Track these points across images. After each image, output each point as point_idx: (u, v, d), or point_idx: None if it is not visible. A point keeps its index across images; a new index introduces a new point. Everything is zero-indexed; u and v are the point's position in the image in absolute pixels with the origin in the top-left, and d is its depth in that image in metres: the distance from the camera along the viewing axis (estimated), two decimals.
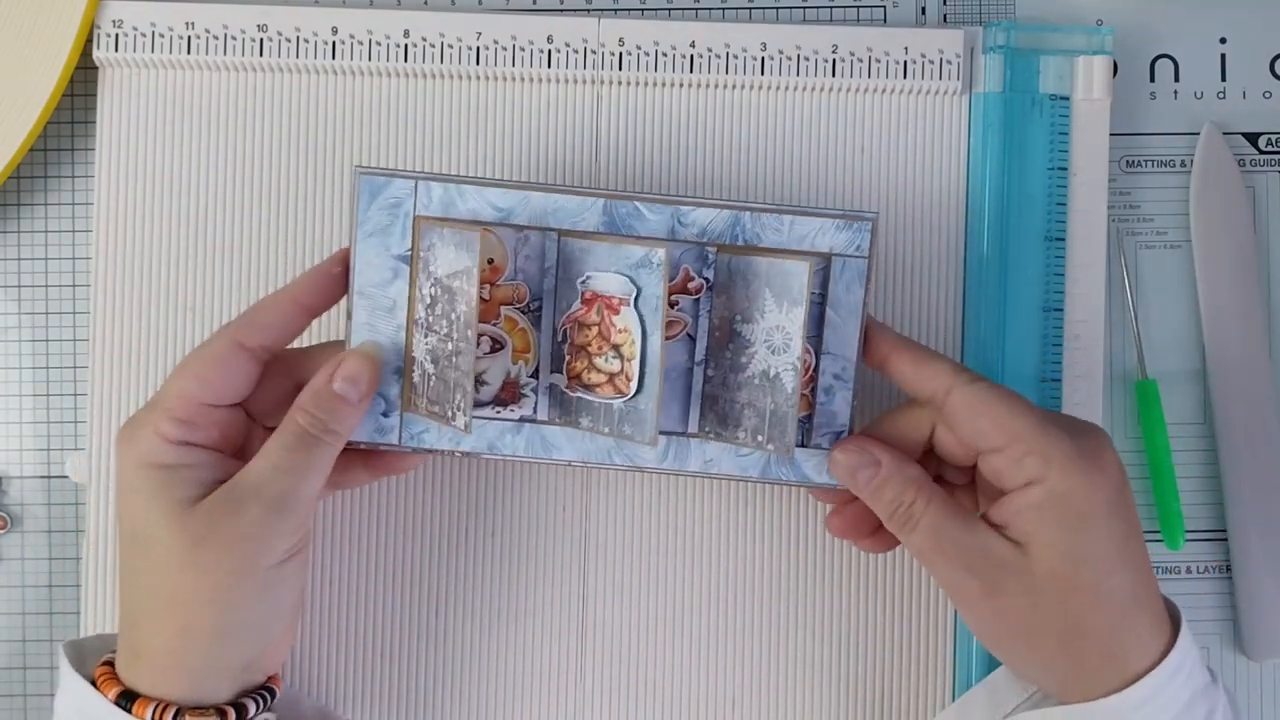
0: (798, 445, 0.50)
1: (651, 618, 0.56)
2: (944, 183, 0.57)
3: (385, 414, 0.50)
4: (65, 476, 0.56)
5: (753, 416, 0.49)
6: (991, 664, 0.54)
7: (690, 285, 0.50)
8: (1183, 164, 0.59)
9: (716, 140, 0.56)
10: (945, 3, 0.59)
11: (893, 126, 0.57)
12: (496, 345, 0.50)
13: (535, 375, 0.50)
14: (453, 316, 0.48)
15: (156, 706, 0.46)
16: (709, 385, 0.50)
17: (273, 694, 0.49)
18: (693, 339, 0.50)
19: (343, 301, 0.50)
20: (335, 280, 0.49)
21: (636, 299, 0.48)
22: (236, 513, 0.46)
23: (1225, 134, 0.59)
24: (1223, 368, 0.58)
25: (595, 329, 0.49)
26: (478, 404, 0.50)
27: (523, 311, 0.50)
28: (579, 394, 0.50)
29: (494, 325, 0.50)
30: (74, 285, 0.57)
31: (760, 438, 0.49)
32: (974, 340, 0.56)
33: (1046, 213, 0.56)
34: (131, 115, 0.56)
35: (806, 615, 0.56)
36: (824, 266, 0.49)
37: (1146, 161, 0.59)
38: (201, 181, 0.56)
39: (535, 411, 0.51)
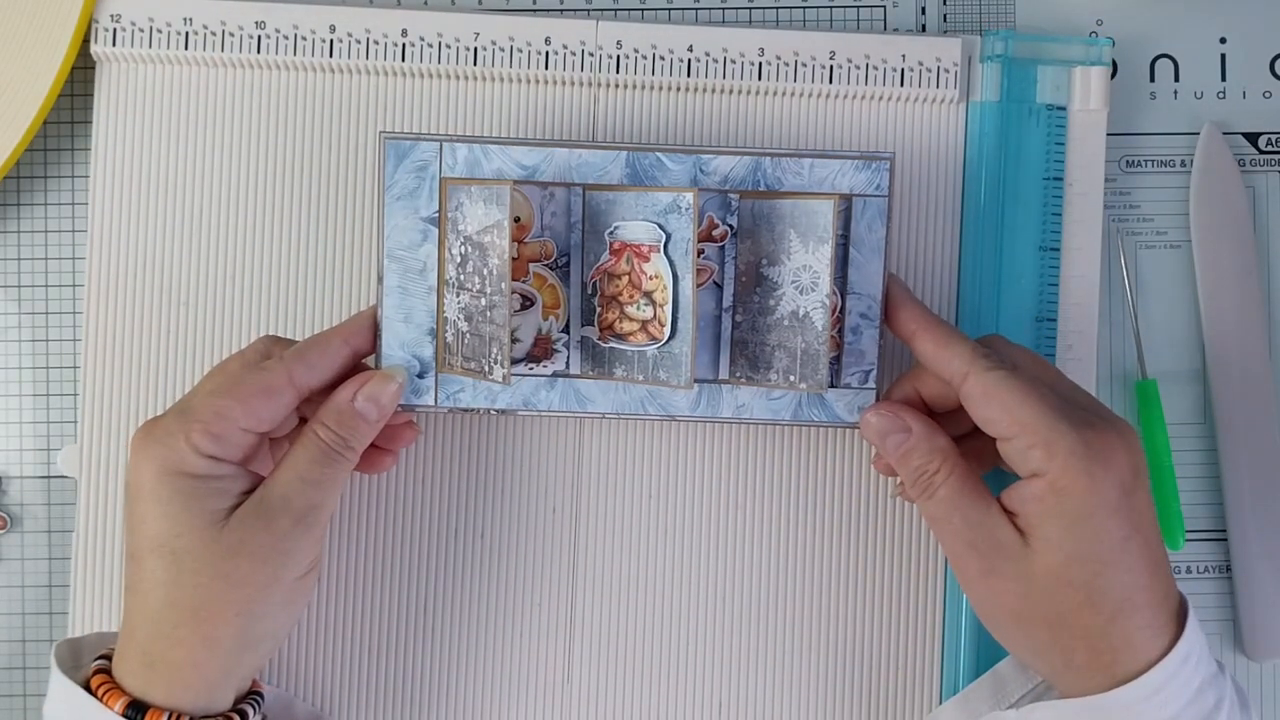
0: (829, 385, 0.51)
1: (640, 619, 0.56)
2: (940, 190, 0.57)
3: (421, 375, 0.51)
4: (65, 476, 0.56)
5: (784, 357, 0.50)
6: (980, 659, 0.55)
7: (715, 232, 0.51)
8: (1183, 164, 0.59)
9: (712, 144, 0.56)
10: (945, 2, 0.58)
11: (890, 133, 0.56)
12: (527, 302, 0.51)
13: (566, 330, 0.51)
14: (485, 272, 0.49)
15: (169, 716, 0.46)
16: (738, 331, 0.51)
17: (262, 697, 0.50)
18: (719, 286, 0.51)
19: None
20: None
21: (666, 244, 0.49)
22: (268, 527, 0.46)
23: (1225, 134, 0.58)
24: (1223, 368, 0.58)
25: (625, 278, 0.50)
26: (511, 361, 0.50)
27: (550, 268, 0.51)
28: (612, 344, 0.50)
29: (523, 283, 0.51)
30: (73, 285, 0.57)
31: (792, 377, 0.50)
32: None
33: (1041, 222, 0.56)
34: (128, 110, 0.56)
35: (795, 614, 0.56)
36: (846, 206, 0.50)
37: (1146, 161, 0.59)
38: (197, 176, 0.56)
39: (568, 366, 0.52)
